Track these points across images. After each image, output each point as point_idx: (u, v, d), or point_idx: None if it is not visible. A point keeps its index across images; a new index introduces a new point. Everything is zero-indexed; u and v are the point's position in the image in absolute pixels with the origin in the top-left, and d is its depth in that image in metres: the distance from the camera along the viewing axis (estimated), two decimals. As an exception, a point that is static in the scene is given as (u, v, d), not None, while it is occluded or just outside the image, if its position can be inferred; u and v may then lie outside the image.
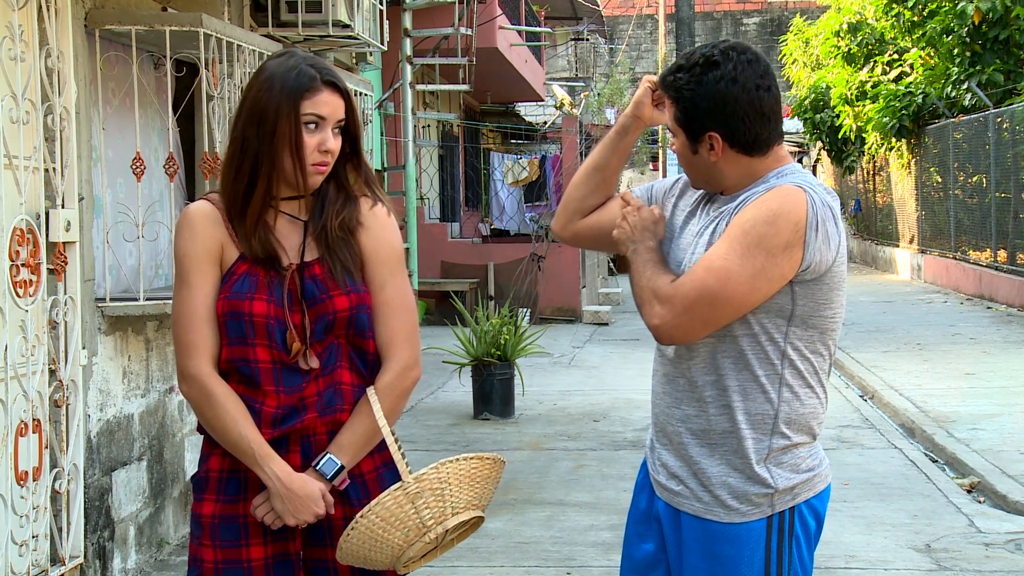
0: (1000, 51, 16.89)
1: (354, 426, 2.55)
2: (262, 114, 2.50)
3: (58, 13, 4.39)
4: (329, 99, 2.52)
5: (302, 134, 2.49)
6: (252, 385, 2.52)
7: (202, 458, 2.62)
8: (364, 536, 2.41)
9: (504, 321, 8.85)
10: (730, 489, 2.45)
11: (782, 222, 2.33)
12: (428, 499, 2.44)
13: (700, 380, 2.47)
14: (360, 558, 2.47)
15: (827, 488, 2.54)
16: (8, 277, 4.05)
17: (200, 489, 2.59)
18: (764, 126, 2.44)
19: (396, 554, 2.45)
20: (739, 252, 2.33)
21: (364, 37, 7.16)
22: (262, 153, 2.50)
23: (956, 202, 18.39)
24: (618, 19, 36.73)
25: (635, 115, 2.66)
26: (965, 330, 12.90)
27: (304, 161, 2.51)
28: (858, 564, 5.27)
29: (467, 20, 12.94)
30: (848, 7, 22.43)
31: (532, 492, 6.53)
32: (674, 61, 2.53)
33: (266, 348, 2.51)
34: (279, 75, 2.51)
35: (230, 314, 2.51)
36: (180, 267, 2.56)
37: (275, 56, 2.59)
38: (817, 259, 2.37)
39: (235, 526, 2.54)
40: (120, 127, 5.14)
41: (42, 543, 4.29)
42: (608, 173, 2.71)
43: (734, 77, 2.40)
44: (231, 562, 2.54)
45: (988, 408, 8.46)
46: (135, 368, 5.19)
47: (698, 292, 2.35)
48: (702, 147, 2.46)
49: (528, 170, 18.96)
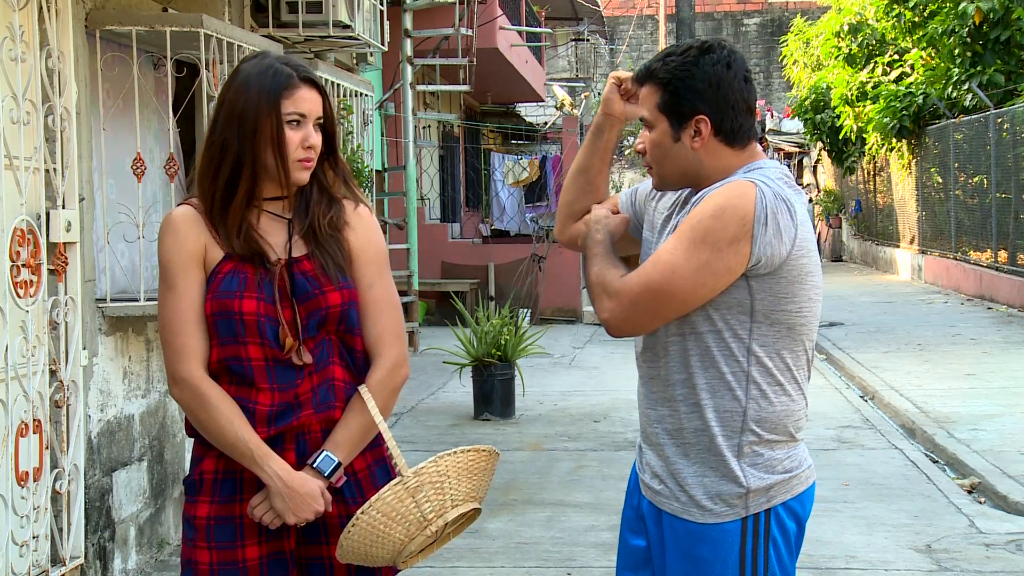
0: (1001, 52, 16.88)
1: (349, 423, 2.55)
2: (241, 115, 2.51)
3: (59, 14, 4.39)
4: (308, 95, 2.55)
5: (284, 131, 2.51)
6: (245, 384, 2.52)
7: (194, 461, 2.61)
8: (365, 532, 2.42)
9: (504, 322, 8.85)
10: (705, 488, 2.45)
11: (728, 216, 2.34)
12: (428, 492, 2.46)
13: (672, 379, 2.48)
14: (360, 554, 2.47)
15: (808, 490, 2.51)
16: (9, 277, 4.06)
17: (194, 492, 2.58)
18: (747, 118, 2.47)
19: (397, 549, 2.46)
20: (685, 246, 2.36)
21: (364, 38, 7.16)
22: (244, 154, 2.51)
23: (957, 203, 18.38)
24: (618, 19, 36.74)
25: (606, 113, 2.71)
26: (966, 331, 12.90)
27: (288, 158, 2.52)
28: (859, 565, 5.27)
29: (467, 21, 12.94)
30: (849, 8, 22.42)
31: (532, 493, 6.53)
32: (657, 55, 2.54)
33: (258, 346, 2.51)
34: (255, 75, 2.53)
35: (220, 313, 2.50)
36: (165, 272, 2.56)
37: (248, 58, 2.61)
38: (768, 253, 2.35)
39: (231, 527, 2.54)
40: (114, 127, 5.14)
41: (43, 543, 4.29)
42: (592, 175, 2.75)
43: (728, 63, 2.44)
44: (227, 563, 2.53)
45: (989, 409, 8.46)
46: (135, 368, 5.19)
47: (643, 286, 2.39)
48: (685, 134, 2.46)
49: (528, 171, 18.95)
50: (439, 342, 9.66)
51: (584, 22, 25.79)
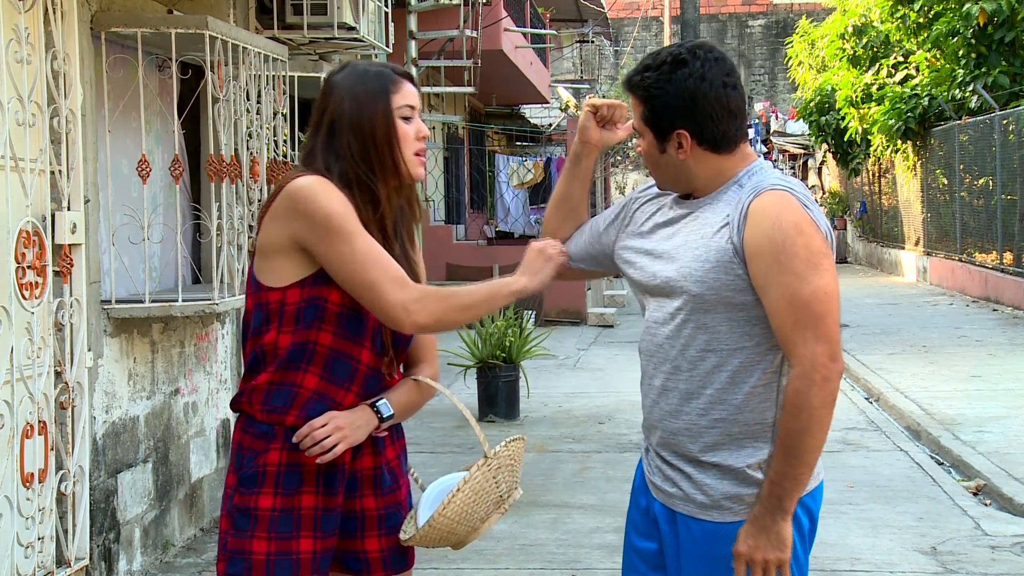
0: (1006, 53, 16.86)
1: (400, 391, 2.66)
2: (355, 121, 2.54)
3: (64, 16, 4.40)
4: (411, 89, 2.62)
5: (399, 127, 2.57)
6: (338, 382, 2.56)
7: (253, 454, 2.59)
8: (458, 510, 2.54)
9: (509, 323, 8.84)
10: (724, 489, 2.46)
11: (804, 225, 2.37)
12: (504, 474, 2.62)
13: (692, 383, 2.48)
14: (444, 534, 2.56)
15: (820, 486, 2.54)
16: (14, 279, 4.06)
17: (254, 484, 2.57)
18: (731, 123, 2.46)
19: (475, 526, 2.60)
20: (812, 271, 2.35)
21: (369, 39, 7.16)
22: (370, 157, 2.55)
23: (962, 204, 18.36)
24: (623, 21, 36.75)
25: (583, 140, 2.73)
26: (971, 332, 12.88)
27: (408, 152, 2.58)
28: (864, 566, 5.26)
29: (472, 22, 12.95)
30: (854, 9, 22.42)
31: (537, 494, 6.53)
32: (640, 61, 2.54)
33: (369, 351, 2.58)
34: (353, 83, 2.57)
35: (350, 308, 2.53)
36: (340, 220, 2.47)
37: (335, 72, 2.63)
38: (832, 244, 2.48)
39: (291, 519, 2.57)
40: (114, 130, 5.14)
41: (48, 545, 4.30)
42: (574, 202, 2.79)
43: (702, 75, 2.43)
44: (282, 553, 2.56)
45: (994, 410, 8.44)
46: (140, 370, 5.20)
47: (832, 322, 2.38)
48: (670, 146, 2.47)
49: (533, 172, 18.96)
50: (443, 343, 9.62)
51: (589, 24, 25.80)
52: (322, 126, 2.58)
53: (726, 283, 2.41)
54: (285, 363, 2.54)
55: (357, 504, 2.64)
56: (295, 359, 2.54)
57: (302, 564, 2.56)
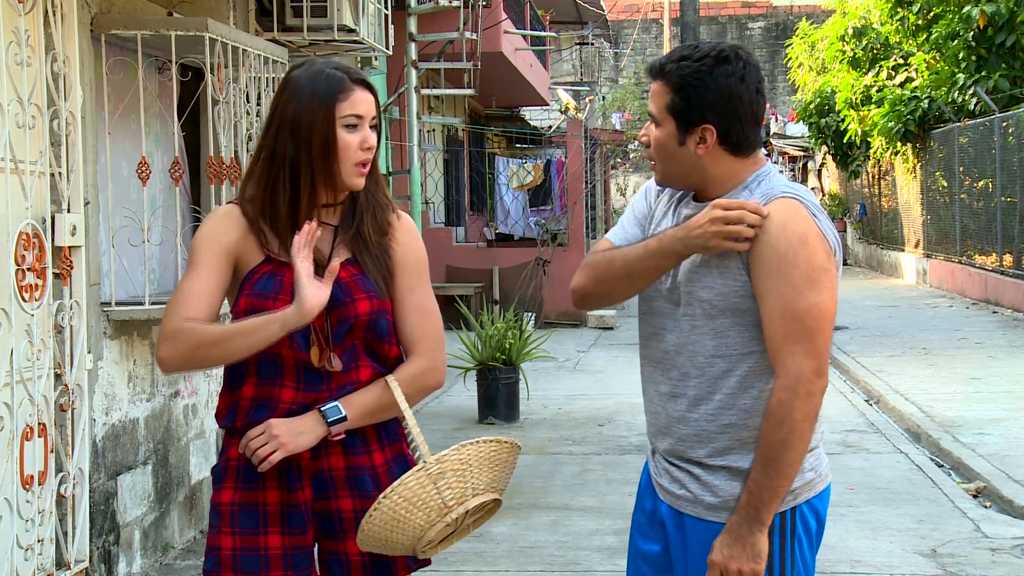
0: (1006, 56, 16.86)
1: (368, 391, 2.58)
2: (295, 122, 2.52)
3: (64, 18, 4.40)
4: (363, 97, 2.55)
5: (340, 136, 2.52)
6: (271, 380, 2.55)
7: (222, 450, 2.65)
8: (387, 517, 2.43)
9: (509, 325, 8.84)
10: (733, 491, 2.46)
11: (810, 237, 2.38)
12: (450, 480, 2.47)
13: (702, 390, 2.48)
14: (381, 541, 2.48)
15: (827, 488, 2.54)
16: (14, 281, 4.06)
17: (219, 479, 2.62)
18: (754, 130, 2.47)
19: (417, 535, 2.47)
20: (810, 286, 2.35)
21: (369, 41, 7.17)
22: (301, 162, 2.53)
23: (962, 206, 18.36)
24: (623, 23, 36.75)
25: (703, 246, 2.40)
26: (971, 334, 12.88)
27: (347, 163, 2.53)
28: (864, 569, 5.26)
29: (472, 24, 12.96)
30: (853, 11, 22.43)
31: (537, 496, 6.53)
32: (674, 51, 2.52)
33: (288, 348, 2.54)
34: (307, 82, 2.54)
35: (252, 311, 2.52)
36: (192, 254, 2.57)
37: (297, 66, 2.61)
38: (839, 255, 2.50)
39: (254, 513, 2.57)
40: (114, 131, 5.14)
41: (48, 547, 4.30)
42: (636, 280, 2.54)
43: (742, 76, 2.43)
44: (249, 549, 2.56)
45: (994, 413, 8.44)
46: (140, 372, 5.20)
47: (824, 341, 2.38)
48: (691, 139, 2.45)
49: (533, 174, 18.96)
50: (443, 346, 9.69)
51: (589, 26, 25.81)
52: (272, 123, 2.57)
53: (734, 289, 2.41)
54: (229, 378, 2.61)
55: (333, 505, 2.60)
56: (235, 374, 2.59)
57: (271, 560, 2.56)
